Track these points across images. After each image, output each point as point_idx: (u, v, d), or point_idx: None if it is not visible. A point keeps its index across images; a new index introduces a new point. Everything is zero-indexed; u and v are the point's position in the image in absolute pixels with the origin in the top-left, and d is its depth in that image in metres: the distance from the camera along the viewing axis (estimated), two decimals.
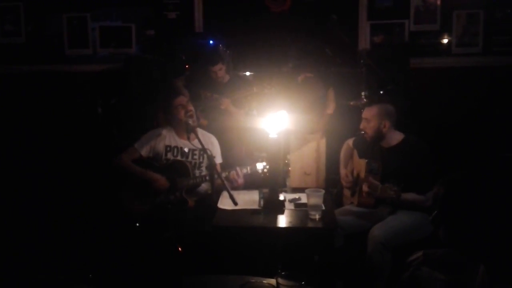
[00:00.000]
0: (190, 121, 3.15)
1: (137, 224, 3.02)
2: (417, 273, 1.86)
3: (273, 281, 1.74)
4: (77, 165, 4.48)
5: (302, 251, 2.67)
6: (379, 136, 3.06)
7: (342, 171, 3.27)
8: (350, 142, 3.38)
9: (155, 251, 2.78)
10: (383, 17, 4.76)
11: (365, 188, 2.91)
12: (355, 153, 3.25)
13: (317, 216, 2.66)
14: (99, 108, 4.53)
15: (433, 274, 1.79)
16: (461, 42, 4.73)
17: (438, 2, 4.69)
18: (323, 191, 2.71)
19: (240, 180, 3.09)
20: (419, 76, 4.50)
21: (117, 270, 2.92)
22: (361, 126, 3.11)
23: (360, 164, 3.10)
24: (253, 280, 1.81)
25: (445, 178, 1.42)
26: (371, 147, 3.13)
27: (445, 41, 4.77)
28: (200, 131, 3.33)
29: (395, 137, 3.08)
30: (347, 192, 3.27)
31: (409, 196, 2.87)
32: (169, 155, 3.28)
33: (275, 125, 2.82)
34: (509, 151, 4.05)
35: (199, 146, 2.95)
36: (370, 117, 3.04)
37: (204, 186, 3.26)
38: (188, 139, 3.22)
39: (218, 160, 3.40)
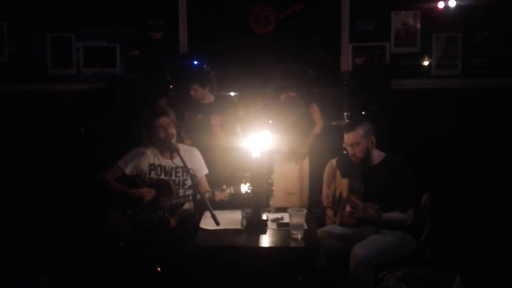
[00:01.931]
0: (173, 142, 3.16)
1: (121, 244, 2.98)
2: (384, 284, 1.87)
3: None
4: (59, 185, 4.43)
5: (285, 271, 2.66)
6: (368, 155, 3.07)
7: (324, 191, 3.27)
8: (333, 162, 3.40)
9: (134, 271, 2.74)
10: (364, 39, 4.86)
11: (347, 208, 2.93)
12: (338, 173, 3.27)
13: (300, 236, 2.66)
14: (81, 128, 4.51)
15: (399, 285, 1.80)
16: (441, 64, 4.84)
17: (418, 25, 4.81)
18: (305, 211, 2.72)
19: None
20: (400, 97, 4.58)
21: None
22: (350, 152, 3.07)
23: (342, 184, 3.13)
24: None
25: (433, 186, 1.42)
26: (353, 167, 3.15)
27: (425, 63, 4.88)
28: (181, 147, 3.32)
29: (377, 156, 3.11)
30: (330, 212, 3.28)
31: (390, 215, 2.90)
32: (153, 174, 3.26)
33: (258, 145, 2.83)
34: (488, 171, 4.11)
35: (182, 164, 2.94)
36: (359, 139, 3.02)
37: (188, 206, 3.24)
38: (171, 158, 3.21)
39: (204, 171, 3.39)
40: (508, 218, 1.33)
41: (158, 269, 2.55)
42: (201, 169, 3.38)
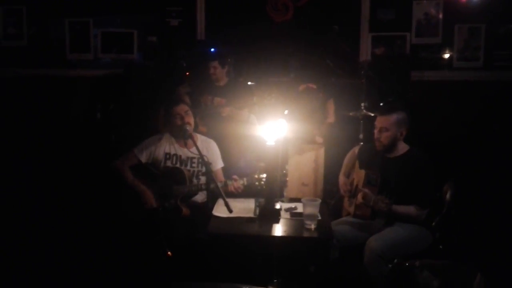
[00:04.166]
0: (188, 128, 3.14)
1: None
2: (416, 273, 1.83)
3: None
4: (75, 170, 4.47)
5: (297, 261, 2.64)
6: (393, 145, 2.99)
7: (341, 179, 3.21)
8: (356, 149, 3.32)
9: (144, 254, 2.75)
10: (384, 29, 4.77)
11: (359, 197, 2.89)
12: (357, 163, 3.21)
13: (313, 226, 2.63)
14: (98, 113, 4.53)
15: (430, 278, 1.77)
16: (462, 56, 4.73)
17: (440, 16, 4.70)
18: (319, 201, 2.68)
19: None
20: (419, 89, 4.49)
21: (106, 272, 2.91)
22: (375, 136, 2.98)
23: (360, 175, 3.07)
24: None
25: (453, 178, 1.38)
26: (372, 158, 3.08)
27: (447, 54, 4.77)
28: (199, 137, 3.31)
29: (401, 147, 3.03)
30: (345, 204, 3.23)
31: (402, 208, 2.83)
32: (168, 163, 3.25)
33: (273, 133, 2.80)
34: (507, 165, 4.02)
35: (197, 154, 2.92)
36: (389, 126, 2.93)
37: (202, 195, 3.23)
38: (186, 145, 3.20)
39: (220, 164, 3.38)
40: None
41: (169, 253, 2.55)
42: (217, 162, 3.36)
